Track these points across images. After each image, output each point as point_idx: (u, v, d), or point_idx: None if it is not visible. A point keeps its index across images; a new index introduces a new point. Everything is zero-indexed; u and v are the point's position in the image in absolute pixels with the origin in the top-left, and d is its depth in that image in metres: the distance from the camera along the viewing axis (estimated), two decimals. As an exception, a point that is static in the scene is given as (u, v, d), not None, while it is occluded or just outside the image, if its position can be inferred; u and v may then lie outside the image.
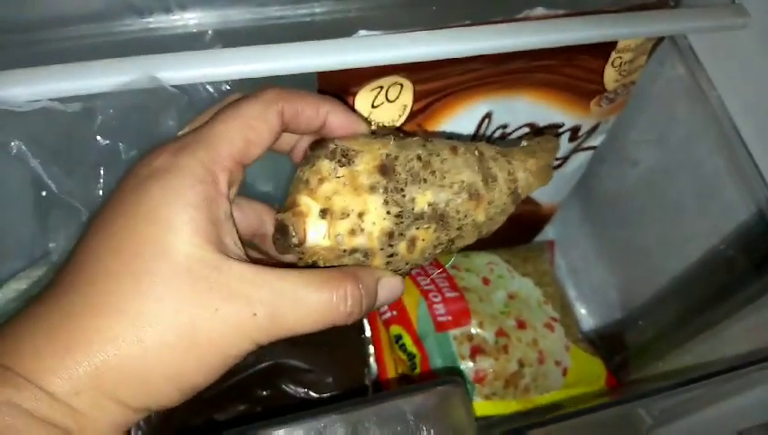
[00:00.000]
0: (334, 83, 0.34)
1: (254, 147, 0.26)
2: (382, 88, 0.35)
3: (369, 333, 0.50)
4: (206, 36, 0.32)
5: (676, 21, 0.39)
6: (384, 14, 0.34)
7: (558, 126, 0.44)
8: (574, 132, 0.45)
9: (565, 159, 0.48)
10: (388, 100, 0.36)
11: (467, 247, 0.29)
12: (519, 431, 0.36)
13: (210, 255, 0.23)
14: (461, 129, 0.40)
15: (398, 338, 0.47)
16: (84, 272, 0.23)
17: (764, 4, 0.38)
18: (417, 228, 0.27)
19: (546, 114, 0.43)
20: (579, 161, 0.50)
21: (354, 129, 0.29)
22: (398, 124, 0.37)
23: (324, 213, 0.25)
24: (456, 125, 0.40)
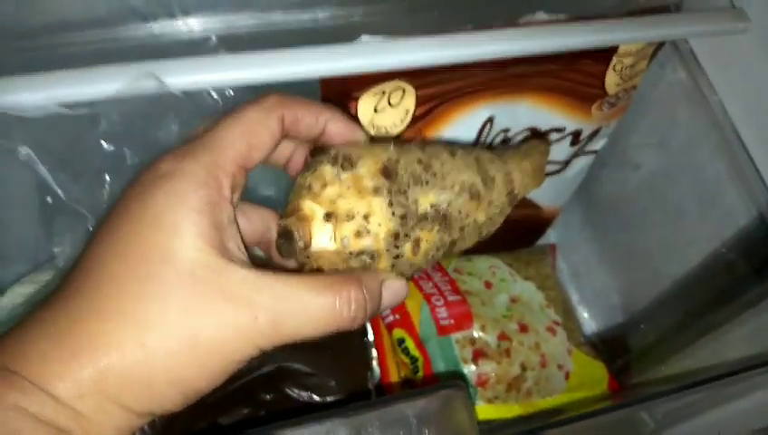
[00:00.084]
0: (337, 88, 0.34)
1: (256, 151, 0.26)
2: (385, 93, 0.35)
3: (371, 336, 0.50)
4: (209, 42, 0.32)
5: (678, 26, 0.39)
6: (386, 20, 0.35)
7: (559, 130, 0.44)
8: (576, 136, 0.45)
9: (567, 163, 0.49)
10: (391, 104, 0.36)
11: (469, 251, 0.29)
12: (521, 435, 0.36)
13: (213, 259, 0.23)
14: (463, 133, 0.41)
15: (401, 342, 0.47)
16: (90, 277, 0.23)
17: (765, 9, 0.38)
18: (421, 230, 0.27)
19: (548, 118, 0.43)
20: (580, 165, 0.50)
21: (353, 137, 0.29)
22: (401, 129, 0.37)
23: (329, 216, 0.25)
24: (458, 129, 0.40)
